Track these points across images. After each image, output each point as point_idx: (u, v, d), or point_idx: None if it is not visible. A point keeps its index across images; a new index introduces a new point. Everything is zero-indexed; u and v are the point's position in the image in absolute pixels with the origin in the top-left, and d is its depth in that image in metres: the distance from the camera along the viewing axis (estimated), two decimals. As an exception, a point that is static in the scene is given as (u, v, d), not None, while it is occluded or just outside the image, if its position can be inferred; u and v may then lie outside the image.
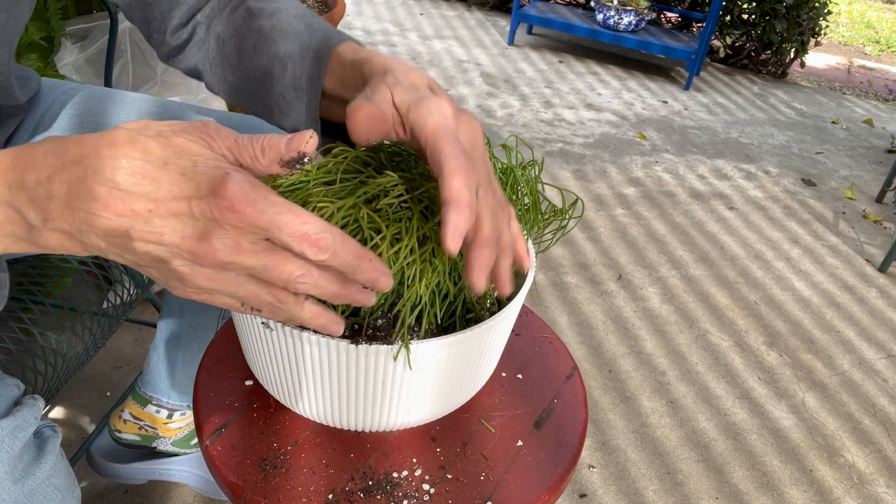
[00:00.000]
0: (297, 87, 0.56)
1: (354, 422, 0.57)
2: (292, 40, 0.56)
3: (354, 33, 3.25)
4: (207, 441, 0.58)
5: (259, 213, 0.36)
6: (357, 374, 0.51)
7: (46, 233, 0.39)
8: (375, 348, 0.49)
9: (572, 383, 0.68)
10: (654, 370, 1.56)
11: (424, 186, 0.53)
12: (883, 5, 5.44)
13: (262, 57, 0.58)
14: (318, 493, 0.54)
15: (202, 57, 0.64)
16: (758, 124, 2.94)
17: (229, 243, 0.37)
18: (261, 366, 0.57)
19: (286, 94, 0.57)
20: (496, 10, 3.85)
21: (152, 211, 0.37)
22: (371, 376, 0.51)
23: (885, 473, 1.39)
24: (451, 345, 0.51)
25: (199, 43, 0.64)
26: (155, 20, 0.66)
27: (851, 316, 1.84)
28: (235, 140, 0.40)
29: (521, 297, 0.56)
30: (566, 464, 0.59)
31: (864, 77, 3.87)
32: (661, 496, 1.27)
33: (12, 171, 0.39)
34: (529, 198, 0.60)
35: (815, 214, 2.31)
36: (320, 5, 2.00)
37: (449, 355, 0.52)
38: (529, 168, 0.60)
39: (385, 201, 0.51)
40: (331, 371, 0.52)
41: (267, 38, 0.57)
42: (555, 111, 2.77)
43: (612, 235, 2.02)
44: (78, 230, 0.38)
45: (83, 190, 0.37)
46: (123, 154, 0.37)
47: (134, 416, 1.02)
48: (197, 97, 1.41)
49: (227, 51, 0.61)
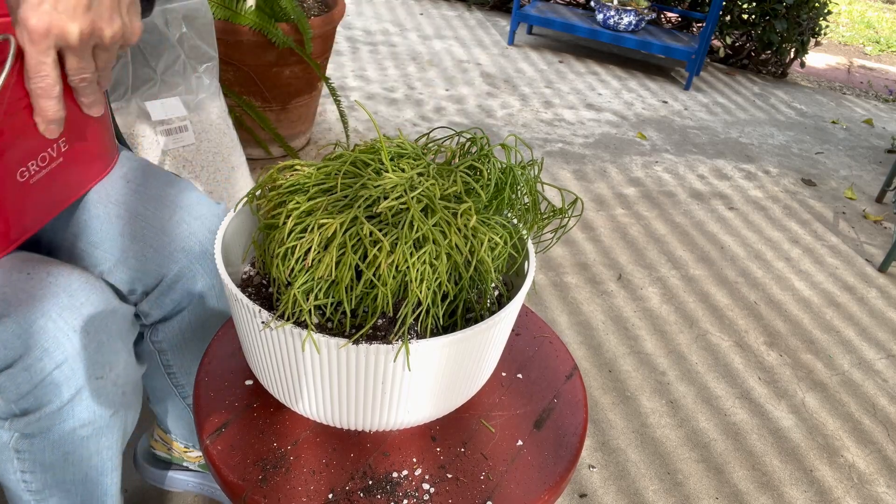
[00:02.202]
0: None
1: (355, 421, 0.57)
2: None
3: (354, 33, 3.25)
4: (207, 441, 0.58)
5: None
6: (357, 373, 0.51)
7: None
8: (375, 347, 0.49)
9: (572, 383, 0.68)
10: (654, 370, 1.56)
11: (423, 185, 0.53)
12: (883, 5, 5.44)
13: None
14: (318, 493, 0.54)
15: None
16: (758, 124, 2.94)
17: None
18: (261, 366, 0.57)
19: None
20: (496, 10, 3.85)
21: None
22: (371, 375, 0.51)
23: (885, 473, 1.39)
24: (450, 344, 0.51)
25: None
26: None
27: (851, 316, 1.84)
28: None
29: (521, 296, 0.56)
30: (566, 464, 0.59)
31: (864, 77, 3.87)
32: (661, 496, 1.27)
33: None
34: (529, 197, 0.60)
35: (815, 214, 2.31)
36: (320, 5, 2.00)
37: (449, 354, 0.52)
38: (529, 168, 0.60)
39: (385, 205, 0.51)
40: (331, 371, 0.52)
41: None
42: (555, 111, 2.77)
43: (612, 235, 2.02)
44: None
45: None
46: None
47: (161, 438, 1.05)
48: (196, 97, 1.41)
49: None
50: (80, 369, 0.67)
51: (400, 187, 0.52)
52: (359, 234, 0.50)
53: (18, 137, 0.62)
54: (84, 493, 0.76)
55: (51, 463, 0.72)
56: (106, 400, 0.71)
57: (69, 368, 0.66)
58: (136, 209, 0.78)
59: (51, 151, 0.66)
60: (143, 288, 0.80)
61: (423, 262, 0.51)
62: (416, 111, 2.58)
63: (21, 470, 0.73)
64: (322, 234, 0.50)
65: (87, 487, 0.76)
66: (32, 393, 0.66)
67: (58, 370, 0.65)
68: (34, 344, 0.64)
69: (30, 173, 0.65)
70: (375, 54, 3.05)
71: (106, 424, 0.73)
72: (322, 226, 0.51)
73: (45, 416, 0.68)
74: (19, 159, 0.63)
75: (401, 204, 0.52)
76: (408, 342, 0.50)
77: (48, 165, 0.67)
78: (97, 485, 0.77)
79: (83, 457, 0.73)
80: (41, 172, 0.66)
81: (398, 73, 2.90)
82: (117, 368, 0.71)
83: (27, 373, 0.65)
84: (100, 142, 0.74)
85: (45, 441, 0.70)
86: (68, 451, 0.72)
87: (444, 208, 0.53)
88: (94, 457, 0.74)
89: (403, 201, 0.52)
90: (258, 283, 0.63)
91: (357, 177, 0.55)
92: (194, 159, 1.42)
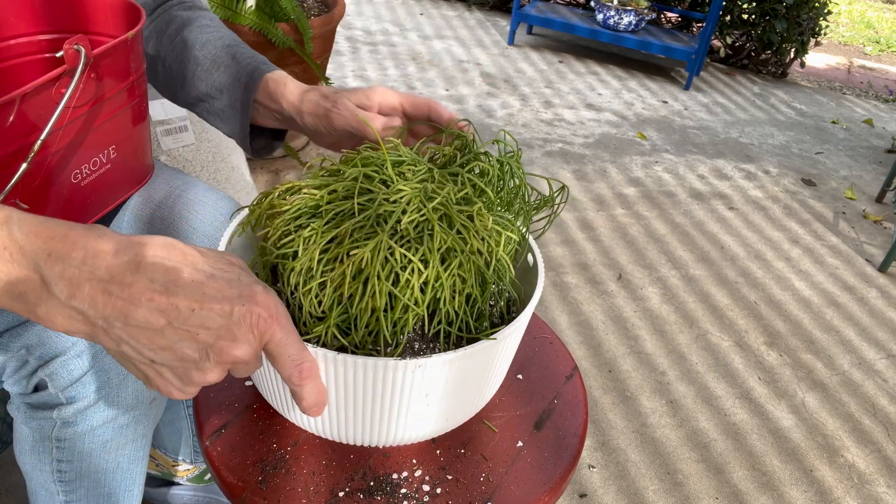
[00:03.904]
0: (233, 108, 0.70)
1: (359, 437, 0.56)
2: (224, 72, 0.70)
3: (354, 33, 3.25)
4: (207, 442, 0.58)
5: (283, 327, 0.44)
6: (364, 387, 0.50)
7: (61, 308, 0.41)
8: (384, 362, 0.48)
9: (572, 383, 0.68)
10: (654, 370, 1.56)
11: (440, 196, 0.52)
12: (883, 5, 5.44)
13: (201, 84, 0.72)
14: (318, 494, 0.54)
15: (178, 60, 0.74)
16: (758, 124, 2.94)
17: (252, 344, 0.43)
18: (263, 380, 0.57)
19: (224, 112, 0.72)
20: (496, 10, 3.84)
21: (195, 310, 0.41)
22: (379, 390, 0.50)
23: (885, 473, 1.39)
24: (458, 359, 0.50)
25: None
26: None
27: (851, 316, 1.84)
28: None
29: (530, 309, 0.55)
30: (566, 464, 0.59)
31: (864, 77, 3.87)
32: (661, 496, 1.27)
33: (60, 243, 0.41)
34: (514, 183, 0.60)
35: (815, 214, 2.31)
36: (320, 5, 2.00)
37: (457, 369, 0.51)
38: (515, 159, 0.60)
39: (406, 221, 0.50)
40: (337, 385, 0.51)
41: (204, 68, 0.72)
42: (555, 111, 2.77)
43: (612, 235, 2.02)
44: (103, 316, 0.41)
45: (130, 280, 0.40)
46: (177, 259, 0.42)
47: (150, 455, 1.05)
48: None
49: (172, 73, 0.74)
50: None
51: (416, 199, 0.52)
52: (388, 259, 0.49)
53: (77, 143, 0.65)
54: (113, 482, 0.78)
55: (88, 451, 0.73)
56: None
57: None
58: (179, 212, 0.80)
59: (102, 158, 0.70)
60: None
61: (452, 276, 0.51)
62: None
63: (58, 459, 0.74)
64: (353, 264, 0.49)
65: (118, 476, 0.77)
66: (81, 380, 0.67)
67: (107, 357, 0.67)
68: None
69: (82, 176, 0.69)
70: (375, 54, 3.05)
71: (144, 412, 0.74)
72: (351, 255, 0.49)
73: (91, 404, 0.69)
74: (76, 162, 0.67)
75: (420, 216, 0.51)
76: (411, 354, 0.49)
77: (98, 170, 0.70)
78: (127, 473, 0.78)
79: (119, 444, 0.75)
80: (92, 176, 0.70)
81: (398, 73, 2.90)
82: None
83: (79, 360, 0.66)
84: (142, 153, 0.78)
85: (86, 428, 0.71)
86: (107, 439, 0.73)
87: (458, 213, 0.53)
88: (129, 444, 0.76)
89: (423, 214, 0.51)
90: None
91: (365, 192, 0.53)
92: (194, 159, 1.42)
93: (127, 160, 0.74)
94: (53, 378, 0.67)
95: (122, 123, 0.70)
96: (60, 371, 0.66)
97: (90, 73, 0.62)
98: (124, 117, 0.70)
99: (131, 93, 0.69)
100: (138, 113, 0.73)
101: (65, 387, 0.67)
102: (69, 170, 0.66)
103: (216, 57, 0.71)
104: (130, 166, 0.76)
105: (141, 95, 0.72)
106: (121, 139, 0.71)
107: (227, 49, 0.72)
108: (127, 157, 0.74)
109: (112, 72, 0.65)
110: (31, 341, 0.66)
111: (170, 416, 0.98)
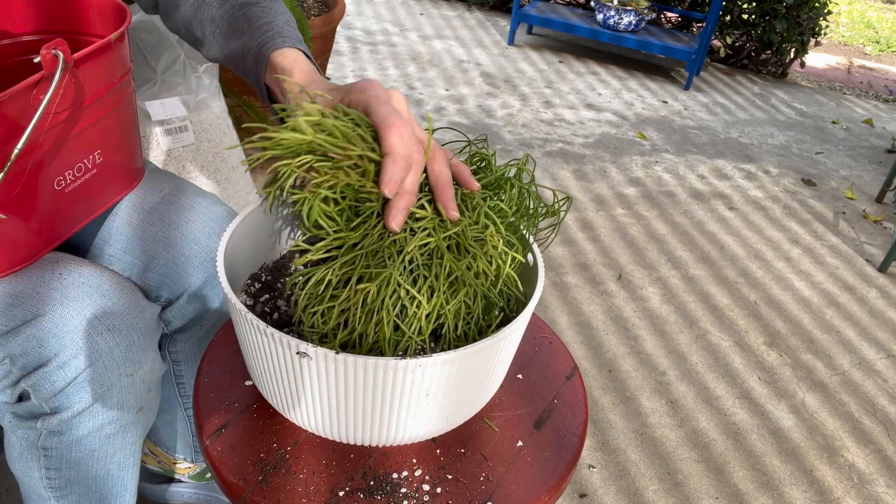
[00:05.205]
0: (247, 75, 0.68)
1: (361, 437, 0.56)
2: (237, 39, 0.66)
3: (354, 33, 3.25)
4: (207, 441, 0.58)
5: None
6: (365, 387, 0.50)
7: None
8: (384, 361, 0.48)
9: (572, 383, 0.68)
10: (654, 370, 1.56)
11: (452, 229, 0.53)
12: (883, 5, 5.44)
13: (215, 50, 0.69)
14: (318, 494, 0.54)
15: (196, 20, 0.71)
16: (758, 124, 2.94)
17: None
18: (260, 374, 0.57)
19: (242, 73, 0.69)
20: (496, 10, 3.84)
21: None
22: (380, 390, 0.50)
23: (885, 473, 1.39)
24: (458, 359, 0.50)
25: (193, 7, 0.71)
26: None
27: (851, 316, 1.84)
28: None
29: (530, 309, 0.55)
30: (566, 464, 0.59)
31: (864, 77, 3.87)
32: (661, 496, 1.27)
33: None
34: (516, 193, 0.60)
35: (815, 214, 2.31)
36: (320, 5, 2.00)
37: (457, 369, 0.51)
38: (526, 168, 0.60)
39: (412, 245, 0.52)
40: (337, 385, 0.51)
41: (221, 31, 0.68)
42: (555, 111, 2.77)
43: (612, 235, 2.02)
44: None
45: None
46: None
47: (150, 451, 1.05)
48: (196, 97, 1.41)
49: (220, 30, 0.70)
50: (112, 367, 0.68)
51: (429, 222, 0.53)
52: (396, 291, 0.51)
53: (57, 149, 0.64)
54: (104, 488, 0.77)
55: (76, 459, 0.73)
56: (133, 397, 0.72)
57: (102, 366, 0.67)
58: (170, 218, 0.80)
59: (86, 163, 0.69)
60: (169, 295, 0.81)
61: (458, 302, 0.52)
62: (416, 111, 2.58)
63: (46, 467, 0.74)
64: (361, 294, 0.51)
65: (108, 483, 0.77)
66: (65, 391, 0.67)
67: (91, 368, 0.67)
68: (69, 342, 0.65)
69: (66, 182, 0.67)
70: (375, 54, 3.05)
71: (131, 421, 0.74)
72: (359, 289, 0.51)
73: (76, 414, 0.69)
74: (58, 169, 0.65)
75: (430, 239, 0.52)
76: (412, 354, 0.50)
77: (83, 176, 0.69)
78: (118, 480, 0.78)
79: (108, 452, 0.74)
80: (76, 182, 0.69)
81: (398, 72, 2.90)
82: (145, 366, 0.72)
83: (62, 371, 0.66)
84: (131, 157, 0.76)
85: (72, 438, 0.71)
86: (95, 448, 0.73)
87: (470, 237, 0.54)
88: (118, 453, 0.75)
89: (434, 241, 0.52)
90: (261, 286, 0.63)
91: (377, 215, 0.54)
92: (194, 159, 1.42)
93: (115, 164, 0.73)
94: (36, 389, 0.66)
95: (108, 127, 0.68)
96: (43, 382, 0.66)
97: (70, 77, 0.60)
98: (110, 121, 0.68)
99: (116, 96, 0.68)
100: (125, 116, 0.71)
101: (48, 397, 0.67)
102: (51, 177, 0.65)
103: (233, 19, 0.67)
104: (119, 170, 0.74)
105: (127, 98, 0.70)
106: (107, 143, 0.70)
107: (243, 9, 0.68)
108: (114, 161, 0.72)
109: (95, 75, 0.64)
110: (14, 351, 0.65)
111: (168, 417, 0.97)
